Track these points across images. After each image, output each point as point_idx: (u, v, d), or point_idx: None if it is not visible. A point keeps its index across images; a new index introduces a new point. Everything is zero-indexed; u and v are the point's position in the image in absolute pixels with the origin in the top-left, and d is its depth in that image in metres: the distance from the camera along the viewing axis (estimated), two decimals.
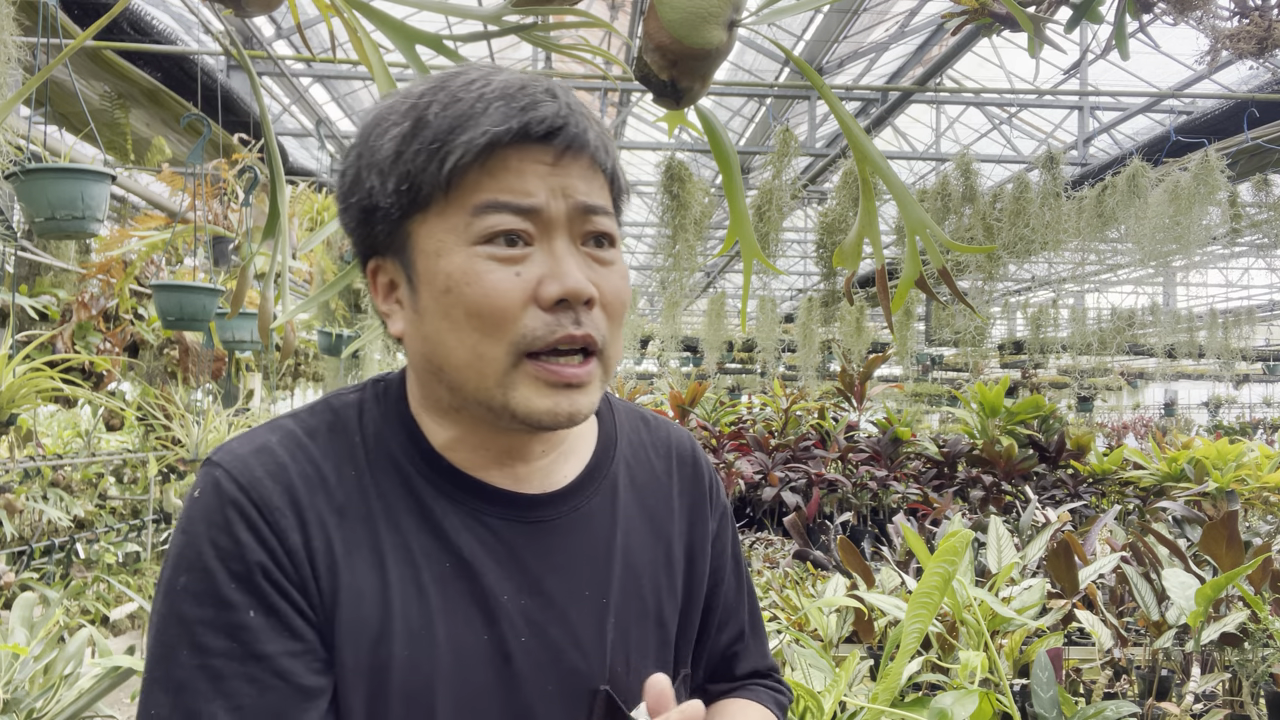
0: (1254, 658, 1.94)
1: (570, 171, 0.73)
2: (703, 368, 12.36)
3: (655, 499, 0.90)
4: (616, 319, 0.76)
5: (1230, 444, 4.38)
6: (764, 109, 8.49)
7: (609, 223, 0.76)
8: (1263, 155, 5.01)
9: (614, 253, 0.76)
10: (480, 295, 0.70)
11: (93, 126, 3.19)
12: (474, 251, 0.70)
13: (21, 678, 2.07)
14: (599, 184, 0.75)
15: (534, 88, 0.72)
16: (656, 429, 0.96)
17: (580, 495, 0.83)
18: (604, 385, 0.76)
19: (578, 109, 0.73)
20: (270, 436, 0.76)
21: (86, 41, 2.81)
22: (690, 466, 0.95)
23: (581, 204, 0.73)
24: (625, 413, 0.95)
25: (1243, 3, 2.34)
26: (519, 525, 0.79)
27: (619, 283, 0.76)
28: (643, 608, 0.84)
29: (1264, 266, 14.04)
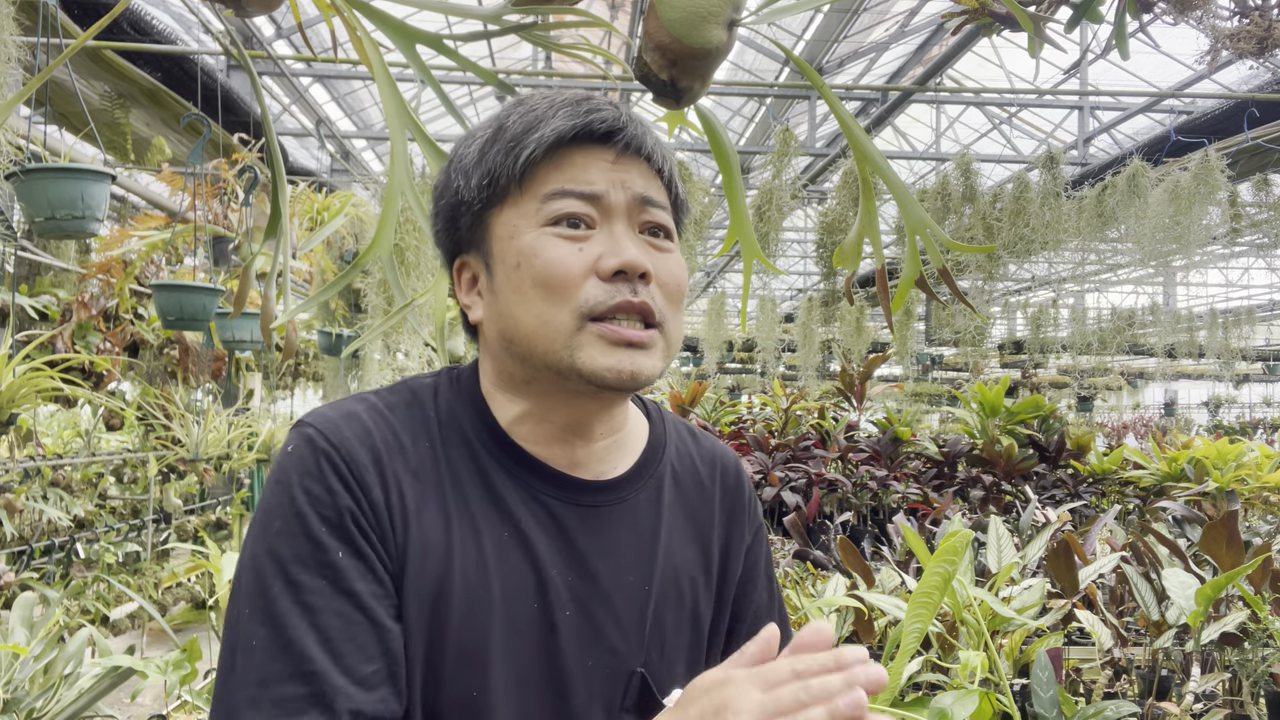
0: (1254, 658, 1.94)
1: (630, 169, 0.82)
2: (703, 368, 12.36)
3: (698, 503, 0.95)
4: (674, 300, 0.83)
5: (1230, 444, 4.38)
6: (764, 109, 8.49)
7: (666, 216, 0.84)
8: (1263, 155, 5.01)
9: (671, 244, 0.85)
10: (544, 265, 0.78)
11: (93, 126, 3.19)
12: (542, 231, 0.80)
13: (21, 677, 2.07)
14: (657, 185, 0.84)
15: (598, 99, 0.83)
16: (703, 442, 1.02)
17: (630, 487, 0.89)
18: (666, 358, 0.83)
19: (637, 120, 0.84)
20: (357, 406, 0.83)
21: (86, 41, 2.81)
22: (734, 479, 1.00)
23: (640, 195, 0.82)
24: (674, 423, 1.01)
25: (1243, 3, 2.34)
26: (572, 507, 0.85)
27: (676, 269, 0.84)
28: (679, 601, 0.89)
29: (1264, 266, 14.04)
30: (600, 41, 7.91)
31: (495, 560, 0.81)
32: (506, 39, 1.19)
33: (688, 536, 0.93)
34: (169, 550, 6.03)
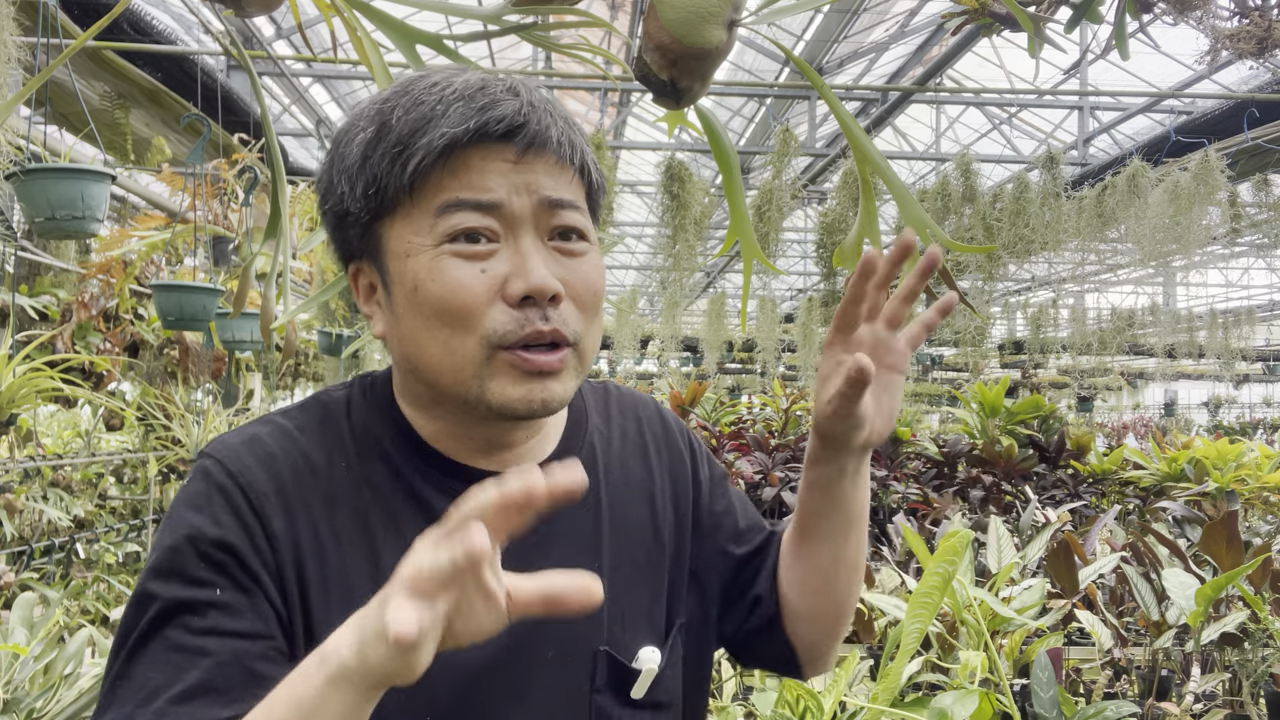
0: (1254, 658, 1.94)
1: (534, 168, 0.73)
2: (703, 368, 12.36)
3: (633, 460, 0.92)
4: (590, 310, 0.77)
5: (1230, 444, 4.38)
6: (764, 109, 8.49)
7: (578, 217, 0.76)
8: (1263, 155, 5.01)
9: (584, 245, 0.77)
10: (446, 292, 0.71)
11: (93, 126, 3.19)
12: (439, 250, 0.72)
13: (21, 678, 2.07)
14: (567, 179, 0.76)
15: (495, 87, 0.73)
16: (621, 398, 0.98)
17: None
18: (579, 374, 0.77)
19: (542, 106, 0.74)
20: (261, 429, 0.78)
21: (87, 42, 2.81)
22: (658, 422, 0.98)
23: (546, 198, 0.74)
24: (589, 390, 0.96)
25: (1243, 3, 2.34)
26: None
27: (590, 274, 0.77)
28: (634, 566, 0.87)
29: (1264, 266, 14.04)
30: (600, 42, 7.91)
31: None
32: (506, 39, 1.19)
33: (632, 498, 0.89)
34: None
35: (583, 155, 0.77)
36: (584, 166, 0.78)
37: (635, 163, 11.09)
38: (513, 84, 0.75)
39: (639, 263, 15.20)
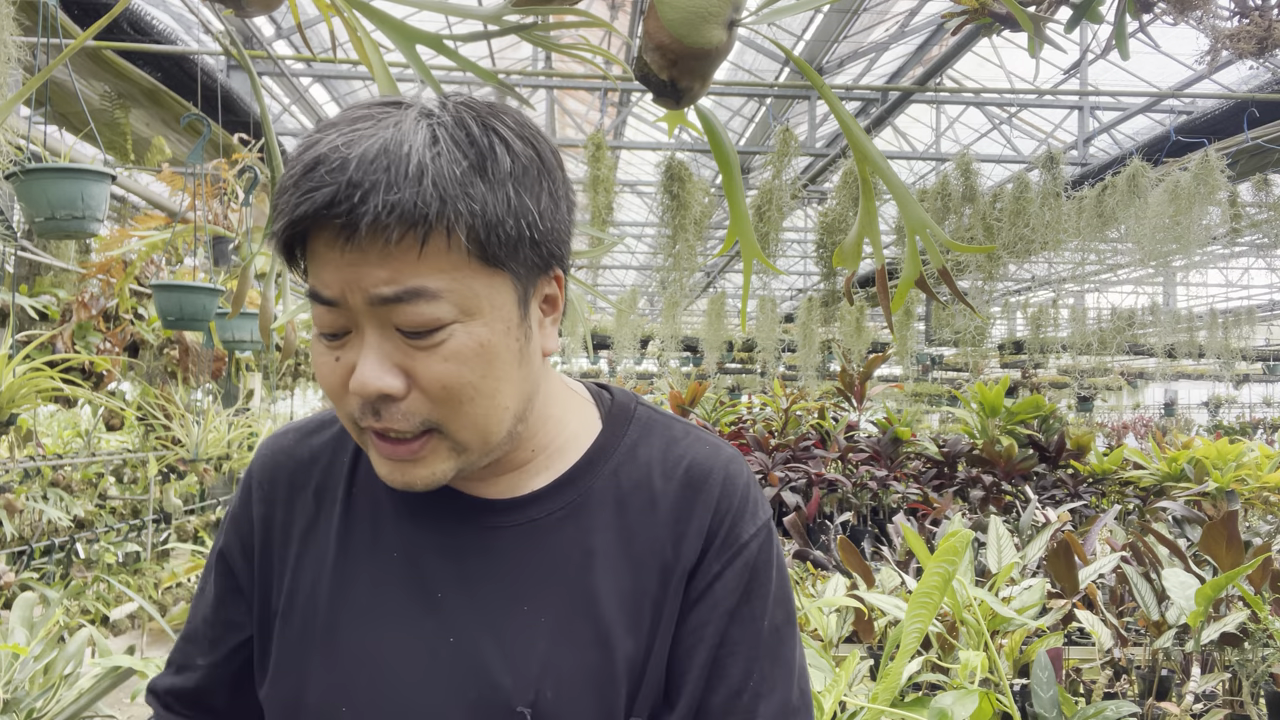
0: (1254, 658, 1.94)
1: (366, 258, 0.65)
2: (703, 368, 12.36)
3: (642, 523, 0.80)
4: (448, 401, 0.69)
5: (1230, 444, 4.38)
6: (764, 109, 8.49)
7: (420, 309, 0.66)
8: (1263, 155, 5.02)
9: (440, 334, 0.67)
10: (318, 376, 0.73)
11: (93, 126, 3.20)
12: (314, 334, 0.72)
13: (21, 678, 2.07)
14: (409, 260, 0.65)
15: (325, 165, 0.64)
16: (680, 446, 0.84)
17: (541, 506, 0.80)
18: (460, 452, 0.72)
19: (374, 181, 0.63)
20: (305, 420, 0.90)
21: (86, 41, 2.81)
22: (699, 490, 0.81)
23: (376, 296, 0.66)
24: (645, 427, 0.86)
25: (1243, 3, 2.35)
26: (470, 526, 0.80)
27: (442, 367, 0.68)
28: (593, 636, 0.77)
29: (1264, 266, 14.04)
30: (600, 42, 7.91)
31: (383, 578, 0.79)
32: (506, 39, 1.20)
33: (619, 563, 0.79)
34: (169, 550, 6.03)
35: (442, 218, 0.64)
36: (452, 228, 0.65)
37: (635, 163, 11.09)
38: (343, 159, 0.63)
39: (639, 263, 15.20)
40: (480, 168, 0.66)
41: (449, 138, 0.66)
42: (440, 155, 0.65)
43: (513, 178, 0.68)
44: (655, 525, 0.80)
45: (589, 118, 10.28)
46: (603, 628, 0.77)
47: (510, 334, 0.71)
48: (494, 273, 0.69)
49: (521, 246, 0.69)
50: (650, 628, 0.78)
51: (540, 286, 0.74)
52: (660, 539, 0.80)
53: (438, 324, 0.67)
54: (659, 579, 0.79)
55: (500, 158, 0.67)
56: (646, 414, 0.87)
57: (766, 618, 0.81)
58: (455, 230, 0.65)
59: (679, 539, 0.80)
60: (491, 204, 0.66)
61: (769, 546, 0.82)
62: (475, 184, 0.66)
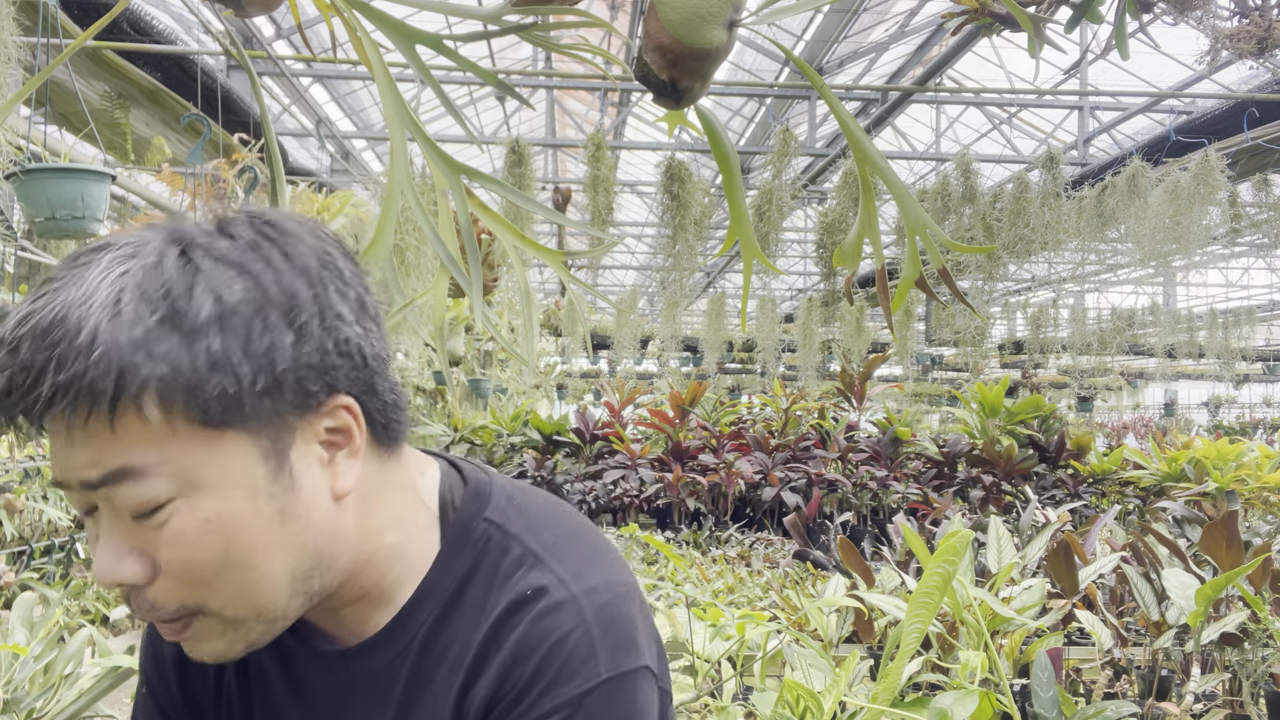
0: (1254, 658, 1.94)
1: (66, 442, 0.58)
2: (703, 368, 12.36)
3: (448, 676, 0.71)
4: (194, 583, 0.61)
5: (1230, 444, 4.38)
6: (764, 109, 8.49)
7: (127, 491, 0.58)
8: (1263, 155, 5.02)
9: (161, 514, 0.59)
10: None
11: (93, 126, 3.20)
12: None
13: (21, 678, 2.07)
14: (104, 439, 0.57)
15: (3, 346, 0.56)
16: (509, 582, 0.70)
17: (380, 653, 0.73)
18: (239, 628, 0.64)
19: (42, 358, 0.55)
20: None
21: (86, 41, 2.81)
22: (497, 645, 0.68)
23: (82, 482, 0.59)
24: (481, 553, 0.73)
25: (1243, 3, 2.35)
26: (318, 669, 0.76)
27: (171, 552, 0.60)
28: None
29: (1264, 266, 14.04)
30: (600, 42, 7.91)
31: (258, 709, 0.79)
32: (506, 39, 1.19)
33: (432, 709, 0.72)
34: None
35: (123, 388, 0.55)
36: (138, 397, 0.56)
37: (635, 163, 11.09)
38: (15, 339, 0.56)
39: (639, 263, 15.20)
40: (171, 320, 0.57)
41: (137, 287, 0.57)
42: (119, 316, 0.56)
43: (219, 324, 0.58)
44: (454, 687, 0.70)
45: (589, 118, 10.28)
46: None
47: (256, 498, 0.61)
48: (218, 435, 0.59)
49: (247, 398, 0.59)
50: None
51: (304, 429, 0.63)
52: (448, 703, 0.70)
53: (153, 504, 0.58)
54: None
55: (197, 303, 0.58)
56: (486, 534, 0.73)
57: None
58: (144, 402, 0.56)
59: (460, 706, 0.69)
60: (186, 362, 0.56)
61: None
62: (162, 342, 0.56)
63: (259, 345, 0.59)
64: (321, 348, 0.63)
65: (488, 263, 4.52)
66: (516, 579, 0.70)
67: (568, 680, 0.66)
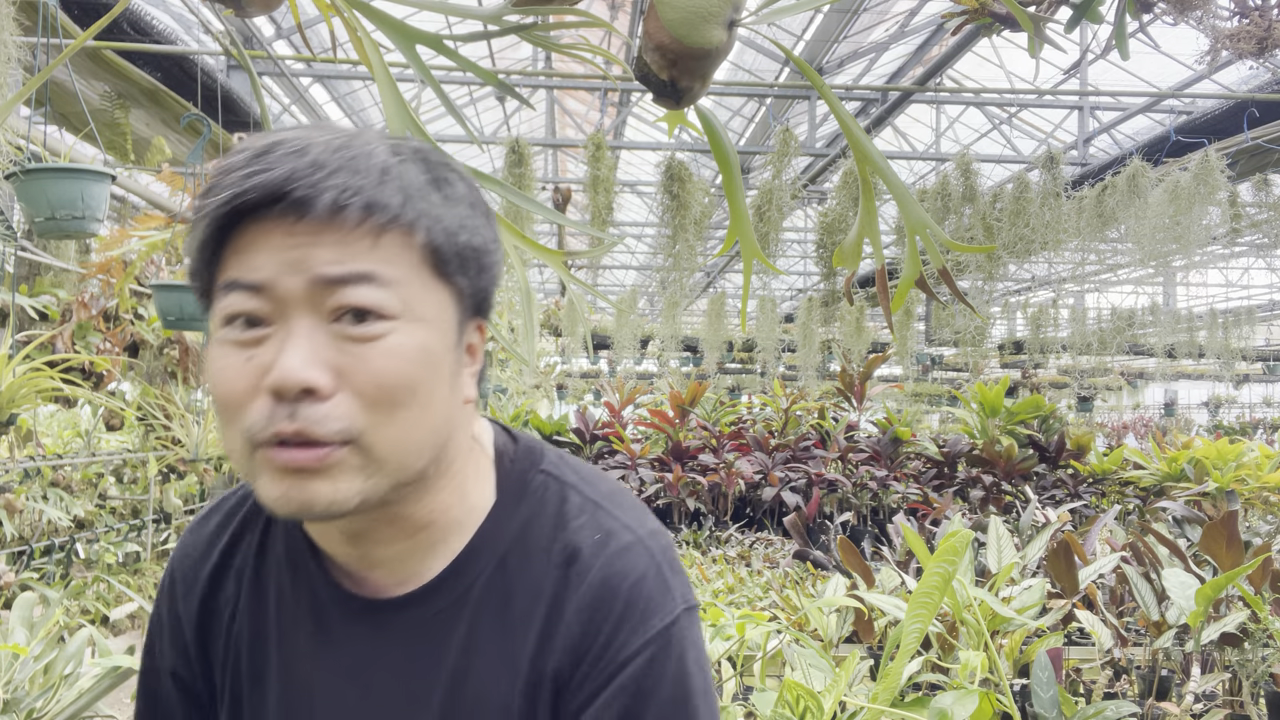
0: (1254, 658, 1.94)
1: (318, 239, 0.63)
2: (703, 368, 12.36)
3: (518, 625, 0.72)
4: (382, 403, 0.64)
5: (1230, 444, 4.38)
6: (764, 109, 8.49)
7: (369, 293, 0.63)
8: (1263, 155, 5.01)
9: (382, 325, 0.64)
10: (216, 383, 0.65)
11: (93, 126, 3.20)
12: (220, 336, 0.66)
13: (21, 678, 2.07)
14: (363, 247, 0.63)
15: (280, 149, 0.63)
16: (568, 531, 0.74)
17: (432, 602, 0.74)
18: (373, 476, 0.65)
19: (337, 165, 0.63)
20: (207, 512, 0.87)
21: (86, 41, 2.81)
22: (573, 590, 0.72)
23: (321, 276, 0.63)
24: (540, 502, 0.77)
25: (1243, 3, 2.35)
26: (360, 622, 0.75)
27: (380, 362, 0.63)
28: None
29: (1264, 266, 14.04)
30: (600, 42, 7.91)
31: (277, 664, 0.77)
32: (506, 39, 1.19)
33: (497, 662, 0.72)
34: (169, 550, 6.04)
35: (403, 216, 0.64)
36: (412, 228, 0.65)
37: (635, 163, 11.09)
38: (305, 144, 0.63)
39: (639, 263, 15.20)
40: (437, 184, 0.68)
41: (413, 155, 0.68)
42: (403, 163, 0.66)
43: (466, 202, 0.70)
44: (532, 628, 0.72)
45: (589, 118, 10.28)
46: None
47: (448, 351, 0.68)
48: (442, 286, 0.68)
49: (468, 269, 0.69)
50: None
51: (468, 325, 0.71)
52: (528, 647, 0.72)
53: (383, 313, 0.64)
54: (524, 692, 0.71)
55: (454, 183, 0.69)
56: (543, 483, 0.77)
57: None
58: (415, 230, 0.65)
59: (543, 649, 0.71)
60: (449, 217, 0.67)
61: (663, 661, 0.70)
62: (433, 195, 0.67)
63: (485, 235, 0.71)
64: (499, 270, 0.74)
65: None
66: (581, 524, 0.74)
67: (652, 615, 0.70)
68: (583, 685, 0.70)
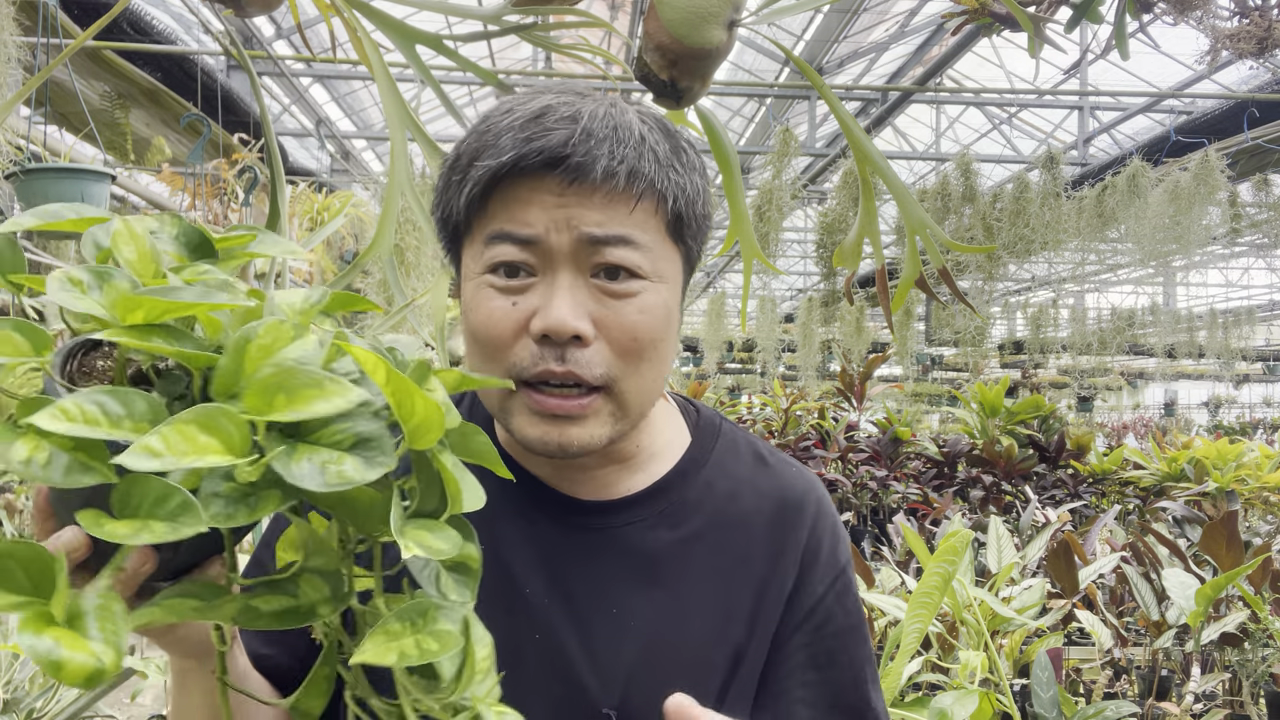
0: (1254, 658, 1.94)
1: (586, 201, 0.70)
2: (703, 368, 12.36)
3: (735, 538, 0.83)
4: (634, 353, 0.72)
5: (1230, 444, 4.38)
6: (764, 109, 8.49)
7: (627, 254, 0.71)
8: (1263, 155, 5.01)
9: (636, 284, 0.72)
10: (479, 322, 0.73)
11: (93, 126, 3.20)
12: (482, 280, 0.73)
13: (21, 678, 2.07)
14: (623, 213, 0.71)
15: (553, 114, 0.70)
16: (772, 471, 0.87)
17: (633, 512, 0.81)
18: (620, 419, 0.74)
19: (602, 134, 0.70)
20: None
21: (86, 41, 2.81)
22: (798, 512, 0.85)
23: (587, 235, 0.70)
24: (732, 443, 0.89)
25: (1243, 3, 2.35)
26: (561, 525, 0.80)
27: (634, 317, 0.72)
28: (681, 644, 0.79)
29: (1264, 266, 14.04)
30: (600, 42, 7.91)
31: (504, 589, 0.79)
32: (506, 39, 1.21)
33: (712, 577, 0.81)
34: None
35: (657, 184, 0.72)
36: (663, 196, 0.73)
37: None
38: (575, 110, 0.71)
39: None
40: (677, 154, 0.75)
41: (656, 125, 0.75)
42: (652, 134, 0.73)
43: (698, 171, 0.77)
44: (750, 541, 0.83)
45: None
46: (691, 636, 0.79)
47: (677, 307, 0.77)
48: (677, 249, 0.76)
49: (698, 235, 0.78)
50: (744, 640, 0.80)
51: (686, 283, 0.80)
52: (755, 555, 0.82)
53: (637, 272, 0.72)
54: (754, 593, 0.81)
55: (689, 152, 0.77)
56: (732, 431, 0.90)
57: (861, 626, 0.86)
58: (665, 198, 0.73)
59: (776, 556, 0.83)
60: (689, 185, 0.75)
61: (851, 567, 0.88)
62: (675, 165, 0.74)
63: (707, 201, 0.78)
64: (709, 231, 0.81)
65: None
66: (778, 460, 0.89)
67: (845, 536, 0.89)
68: (813, 589, 0.83)
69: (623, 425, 0.74)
